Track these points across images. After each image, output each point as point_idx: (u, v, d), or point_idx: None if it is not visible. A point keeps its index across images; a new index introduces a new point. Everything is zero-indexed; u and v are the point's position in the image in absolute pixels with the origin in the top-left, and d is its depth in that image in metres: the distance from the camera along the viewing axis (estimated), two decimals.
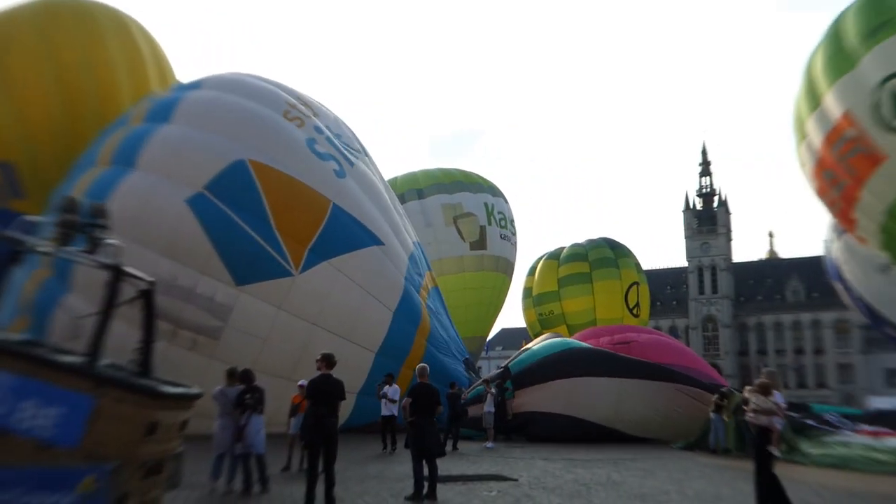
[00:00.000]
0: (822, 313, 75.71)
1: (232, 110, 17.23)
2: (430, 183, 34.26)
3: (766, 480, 8.05)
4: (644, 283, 43.32)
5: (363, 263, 17.39)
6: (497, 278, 33.87)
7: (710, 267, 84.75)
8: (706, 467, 13.18)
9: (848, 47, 16.84)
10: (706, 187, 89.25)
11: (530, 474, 11.55)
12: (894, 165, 16.48)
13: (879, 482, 11.55)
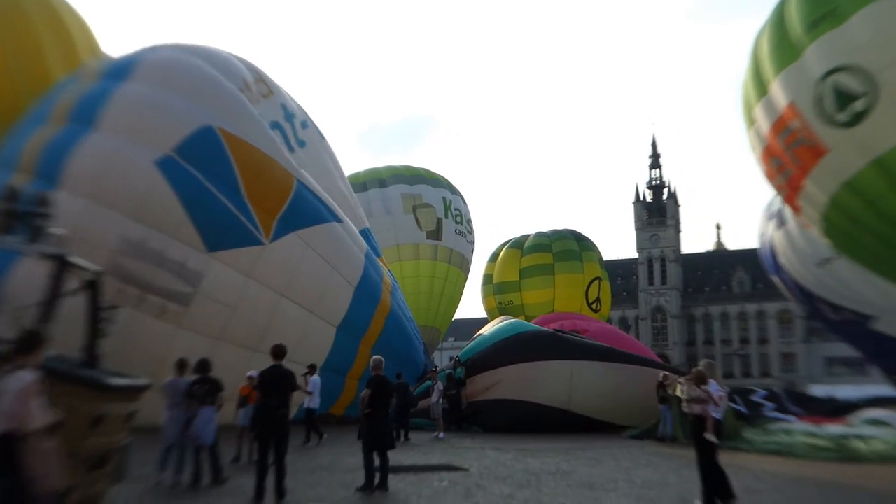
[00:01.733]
0: (766, 304, 77.57)
1: (196, 74, 16.72)
2: (391, 174, 34.92)
3: (709, 468, 8.23)
4: (606, 280, 43.53)
5: (328, 237, 17.35)
6: (451, 271, 34.05)
7: (660, 258, 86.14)
8: (654, 456, 13.40)
9: (791, 37, 17.05)
10: (656, 179, 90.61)
11: (481, 464, 11.62)
12: (836, 159, 16.89)
13: (819, 468, 11.91)
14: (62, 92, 16.41)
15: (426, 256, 32.84)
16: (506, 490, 9.14)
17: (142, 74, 16.13)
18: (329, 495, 8.58)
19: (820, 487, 10.14)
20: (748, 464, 11.98)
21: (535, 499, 8.58)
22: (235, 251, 15.52)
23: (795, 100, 17.25)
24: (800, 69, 17.00)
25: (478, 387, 18.62)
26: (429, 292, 31.98)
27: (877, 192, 16.51)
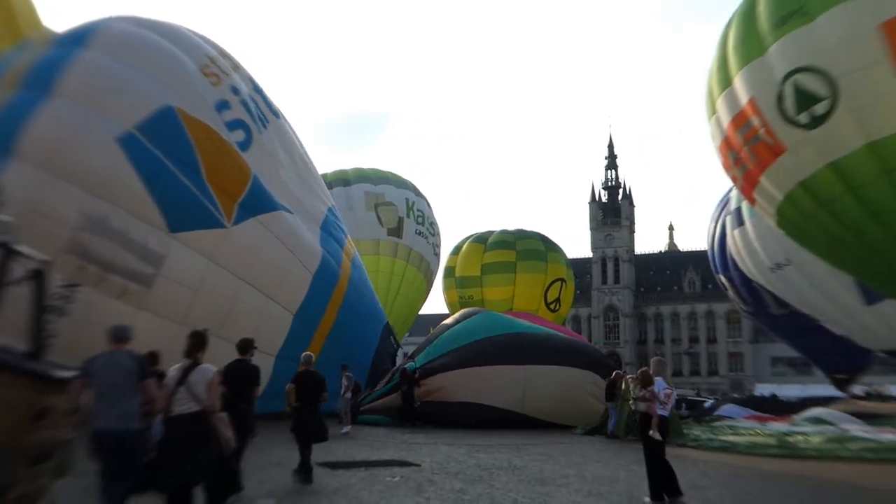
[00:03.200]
0: (715, 304, 79.18)
1: (157, 51, 16.15)
2: (357, 175, 35.02)
3: (657, 465, 8.39)
4: (571, 282, 43.75)
5: (285, 224, 17.16)
6: (409, 270, 33.84)
7: (614, 258, 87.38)
8: (604, 452, 13.59)
9: (759, 30, 17.00)
10: (612, 180, 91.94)
11: (433, 459, 11.66)
12: (793, 159, 17.12)
13: (763, 463, 12.19)
14: (11, 59, 15.60)
15: (386, 253, 32.76)
16: (457, 485, 9.19)
17: (101, 44, 15.43)
18: (279, 490, 8.52)
19: (763, 482, 10.39)
20: (695, 460, 12.23)
21: (486, 494, 8.64)
22: (198, 233, 15.17)
23: (756, 96, 17.33)
24: (763, 65, 16.99)
25: (431, 388, 18.57)
26: (386, 289, 31.83)
27: (831, 194, 16.80)
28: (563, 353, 19.49)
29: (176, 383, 5.56)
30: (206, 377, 5.64)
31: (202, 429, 5.46)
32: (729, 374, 79.74)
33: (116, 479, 5.77)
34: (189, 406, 5.50)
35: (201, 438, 5.45)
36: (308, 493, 8.50)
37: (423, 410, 18.23)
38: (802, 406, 23.51)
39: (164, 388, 5.62)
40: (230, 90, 17.40)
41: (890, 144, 15.60)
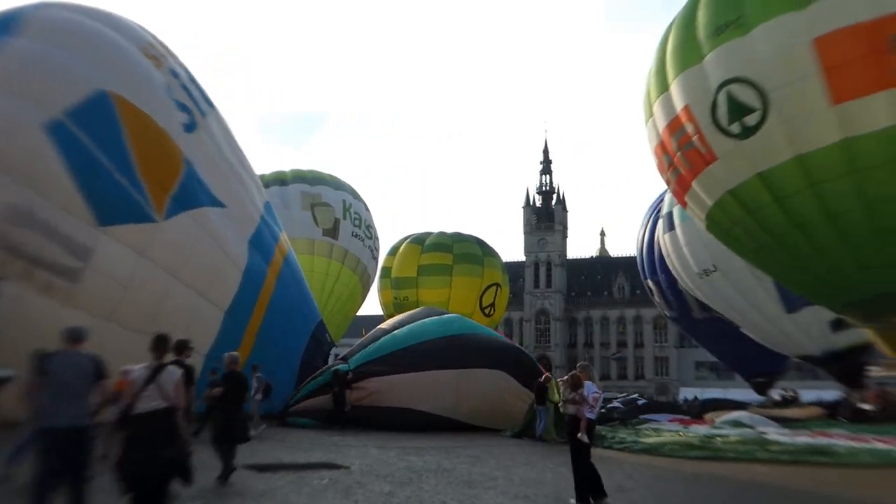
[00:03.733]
0: (643, 310, 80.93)
1: (92, 34, 15.56)
2: (294, 175, 34.55)
3: (583, 467, 8.53)
4: (505, 287, 43.98)
5: (217, 219, 16.80)
6: (343, 272, 33.40)
7: (546, 262, 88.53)
8: (532, 454, 13.74)
9: (697, 38, 17.24)
10: (546, 185, 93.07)
11: (363, 462, 11.60)
12: (723, 166, 17.55)
13: (686, 465, 12.52)
14: None
15: (321, 253, 32.31)
16: (386, 488, 9.17)
17: (30, 30, 14.79)
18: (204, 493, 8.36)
19: (686, 483, 10.68)
20: (621, 462, 12.48)
21: (415, 496, 8.65)
22: (127, 227, 14.64)
23: (691, 104, 17.68)
24: (699, 73, 17.26)
25: (363, 392, 18.41)
26: (321, 289, 31.36)
27: (759, 203, 17.31)
28: (496, 356, 19.56)
29: (145, 381, 5.84)
30: (175, 377, 6.02)
31: (170, 425, 5.84)
32: (655, 378, 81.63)
33: (74, 474, 6.09)
34: (158, 403, 5.81)
35: (170, 434, 5.83)
36: (234, 495, 8.37)
37: (354, 415, 18.03)
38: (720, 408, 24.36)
39: (131, 385, 5.88)
40: (171, 73, 17.01)
41: (817, 158, 16.15)
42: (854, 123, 15.64)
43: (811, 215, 16.80)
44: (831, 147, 15.94)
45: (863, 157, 15.82)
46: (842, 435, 17.15)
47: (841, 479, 11.26)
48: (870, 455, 13.52)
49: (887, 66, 15.25)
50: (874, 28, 15.21)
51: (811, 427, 19.71)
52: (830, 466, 12.45)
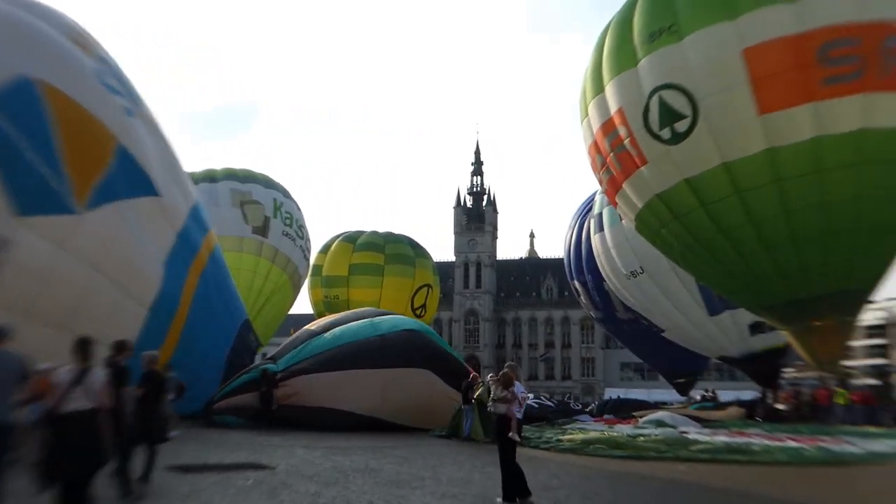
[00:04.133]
0: (571, 311, 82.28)
1: (13, 21, 14.82)
2: (225, 173, 33.67)
3: (509, 466, 8.60)
4: (436, 288, 44.02)
5: (143, 211, 16.22)
6: (273, 271, 32.70)
7: (476, 263, 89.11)
8: (460, 454, 13.78)
9: (633, 41, 17.55)
10: (477, 186, 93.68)
11: (289, 462, 11.45)
12: (653, 170, 17.94)
13: (610, 464, 12.74)
14: None
15: (250, 251, 31.57)
16: (312, 488, 9.06)
17: None
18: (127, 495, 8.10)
19: (609, 482, 10.87)
20: (546, 461, 12.63)
21: (342, 497, 8.57)
22: (48, 218, 13.96)
23: (625, 107, 18.00)
24: (633, 77, 17.58)
25: (290, 391, 18.15)
26: (248, 287, 30.71)
27: (686, 207, 17.77)
28: (422, 356, 19.47)
29: (71, 383, 6.00)
30: (101, 379, 6.27)
31: (96, 426, 6.02)
32: (581, 379, 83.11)
33: None
34: (84, 404, 5.98)
35: (96, 434, 6.01)
36: (156, 497, 8.14)
37: (281, 415, 17.78)
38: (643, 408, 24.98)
39: (57, 386, 6.03)
40: (100, 60, 16.45)
41: (743, 166, 16.68)
42: (779, 134, 16.19)
43: (735, 221, 17.35)
44: (756, 156, 16.48)
45: (785, 168, 16.40)
46: (758, 434, 17.77)
47: (756, 476, 11.64)
48: (783, 453, 14.03)
49: (813, 79, 15.83)
50: (802, 41, 15.77)
51: (729, 426, 20.35)
52: (747, 465, 12.87)
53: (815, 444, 15.45)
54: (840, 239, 16.85)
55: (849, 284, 17.71)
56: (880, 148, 16.11)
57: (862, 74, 15.76)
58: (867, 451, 14.74)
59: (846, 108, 15.88)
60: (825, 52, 15.72)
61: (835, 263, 17.17)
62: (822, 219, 16.69)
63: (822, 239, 16.90)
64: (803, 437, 17.22)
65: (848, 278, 17.51)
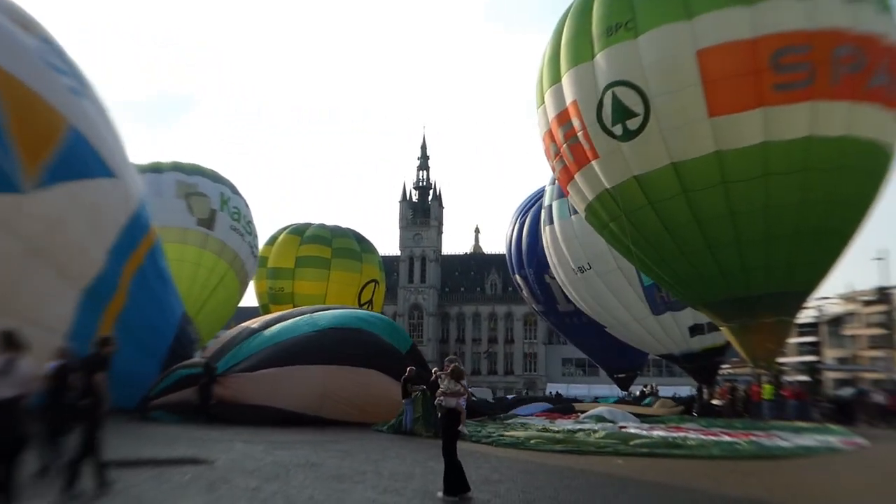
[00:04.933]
0: (514, 307, 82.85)
1: None
2: (171, 166, 32.78)
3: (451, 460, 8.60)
4: (382, 283, 43.87)
5: (98, 193, 15.89)
6: (219, 265, 31.79)
7: (421, 257, 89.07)
8: (402, 448, 13.76)
9: (590, 33, 17.63)
10: (423, 180, 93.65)
11: (228, 457, 11.28)
12: (604, 165, 18.12)
13: (551, 458, 12.88)
14: None
15: (194, 243, 30.72)
16: (252, 483, 8.94)
17: None
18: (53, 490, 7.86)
19: (549, 476, 10.97)
20: (488, 456, 12.70)
21: (282, 492, 8.47)
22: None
23: (579, 100, 18.09)
24: (589, 71, 17.69)
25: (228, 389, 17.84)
26: (191, 280, 29.91)
27: (635, 204, 18.00)
28: (365, 353, 19.25)
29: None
30: (29, 368, 6.78)
31: (18, 413, 6.55)
32: (524, 374, 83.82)
33: None
34: (10, 391, 6.46)
35: (15, 421, 6.57)
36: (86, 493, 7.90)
37: (218, 411, 17.47)
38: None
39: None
40: (43, 40, 15.94)
41: (691, 167, 16.97)
42: (728, 137, 16.50)
43: (681, 220, 17.67)
44: (705, 158, 16.78)
45: (733, 171, 16.73)
46: (694, 429, 18.20)
47: (692, 470, 11.91)
48: (718, 448, 14.40)
49: (764, 85, 16.17)
50: (755, 46, 16.07)
51: (667, 422, 20.80)
52: (683, 459, 13.17)
53: (748, 439, 15.92)
54: (782, 242, 17.29)
55: (789, 286, 18.21)
56: (825, 156, 16.53)
57: (811, 82, 16.13)
58: (796, 446, 15.26)
59: (795, 115, 16.24)
60: (777, 58, 16.05)
61: (776, 266, 17.63)
62: (766, 222, 17.09)
63: (764, 241, 17.32)
64: (737, 431, 17.71)
65: (788, 280, 18.00)
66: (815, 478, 11.82)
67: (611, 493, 9.76)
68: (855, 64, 16.38)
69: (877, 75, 16.75)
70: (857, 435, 18.10)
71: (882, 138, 17.37)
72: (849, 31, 16.28)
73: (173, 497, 7.96)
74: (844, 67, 16.29)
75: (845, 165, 16.80)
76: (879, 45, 16.78)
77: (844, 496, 10.26)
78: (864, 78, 16.59)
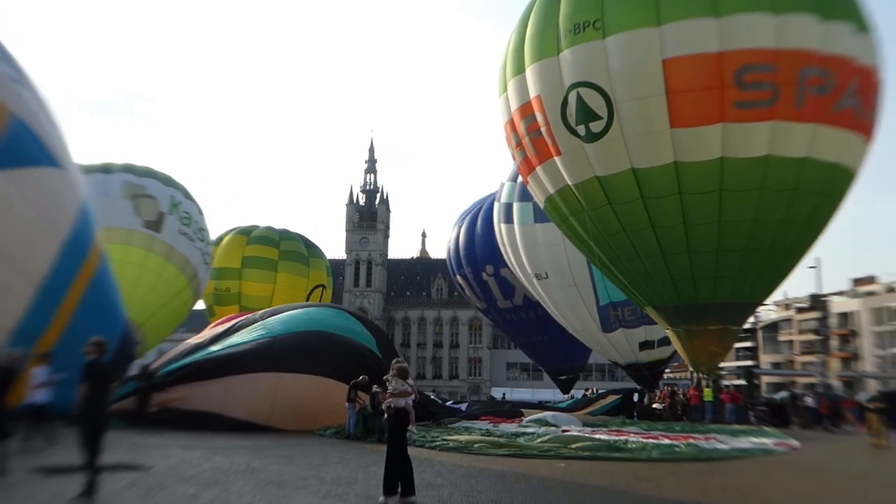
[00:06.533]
0: (460, 311, 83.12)
1: None
2: (122, 167, 31.57)
3: (399, 461, 8.55)
4: (330, 288, 43.49)
5: (41, 182, 15.26)
6: (167, 269, 30.64)
7: (367, 261, 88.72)
8: (345, 453, 13.63)
9: (558, 26, 17.49)
10: (370, 184, 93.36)
11: (166, 463, 11.04)
12: (567, 162, 18.12)
13: (494, 462, 12.91)
14: None
15: (139, 245, 29.53)
16: (190, 490, 8.75)
17: None
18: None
19: (492, 480, 11.00)
20: (432, 461, 12.68)
21: (220, 498, 8.31)
22: None
23: (543, 95, 17.93)
24: (554, 67, 17.57)
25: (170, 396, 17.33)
26: (134, 282, 28.82)
27: (595, 203, 18.10)
28: (319, 359, 18.55)
29: None
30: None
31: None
32: (469, 379, 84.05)
33: None
34: None
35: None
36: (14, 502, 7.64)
37: (159, 417, 16.97)
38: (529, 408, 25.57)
39: None
40: None
41: (650, 175, 17.12)
42: (687, 150, 16.60)
43: (639, 224, 17.86)
44: (664, 168, 16.91)
45: (690, 183, 16.90)
46: (635, 432, 18.47)
47: (633, 473, 12.07)
48: (658, 450, 14.65)
49: (727, 101, 16.22)
50: (721, 60, 16.06)
51: (608, 425, 21.07)
52: (624, 462, 13.36)
53: (687, 442, 16.23)
54: (733, 256, 17.54)
55: (736, 297, 18.53)
56: (783, 177, 16.68)
57: (774, 102, 16.14)
58: (733, 448, 15.62)
59: (754, 133, 16.29)
60: (741, 75, 16.04)
61: (725, 277, 17.90)
62: (719, 235, 17.31)
63: (715, 253, 17.56)
64: (676, 434, 18.04)
65: (736, 292, 18.30)
66: (750, 479, 12.12)
67: (553, 496, 9.82)
68: (823, 86, 16.34)
69: (845, 98, 16.77)
70: (790, 437, 18.62)
71: (845, 162, 17.46)
72: (818, 52, 16.19)
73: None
74: (811, 89, 16.23)
75: (803, 187, 16.87)
76: (851, 67, 16.78)
77: (777, 496, 10.56)
78: (832, 101, 16.58)
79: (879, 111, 18.24)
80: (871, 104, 17.82)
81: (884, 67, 18.07)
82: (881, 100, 18.17)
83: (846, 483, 12.22)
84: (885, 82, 18.20)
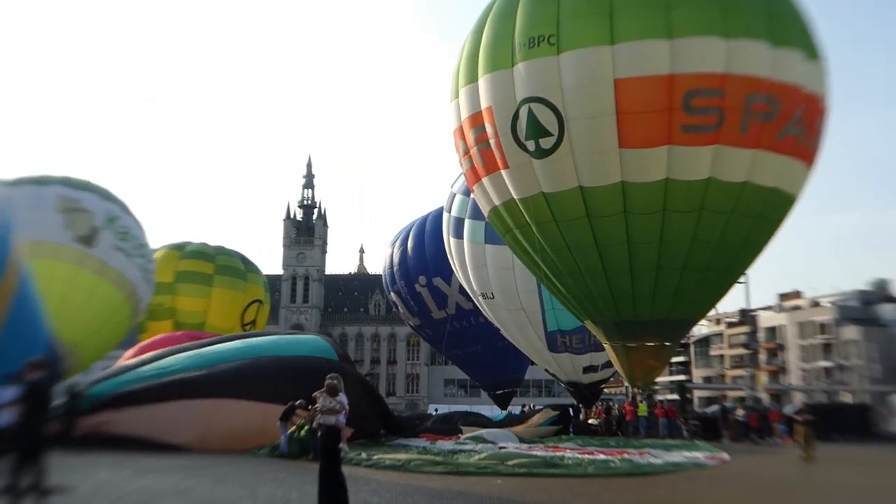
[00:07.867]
0: (398, 327, 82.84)
1: None
2: (59, 180, 30.11)
3: (333, 479, 8.42)
4: (267, 303, 42.85)
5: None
6: (101, 286, 29.30)
7: (304, 277, 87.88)
8: (279, 472, 13.39)
9: (513, 38, 17.42)
10: (308, 199, 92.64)
11: (91, 484, 10.67)
12: (514, 176, 18.07)
13: (430, 480, 12.83)
14: None
15: (67, 259, 28.38)
16: None
17: None
18: None
19: (429, 499, 10.93)
20: (368, 479, 12.52)
21: None
22: None
23: (494, 107, 17.85)
24: (507, 79, 17.53)
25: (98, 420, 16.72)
26: (62, 298, 27.59)
27: (540, 218, 18.14)
28: (257, 384, 17.91)
29: None
30: None
31: None
32: (406, 395, 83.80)
33: None
34: None
35: None
36: None
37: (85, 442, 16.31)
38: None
39: None
40: None
41: (597, 194, 17.23)
42: (634, 171, 16.79)
43: (582, 242, 18.01)
44: (611, 187, 17.07)
45: (634, 203, 17.10)
46: (571, 448, 18.64)
47: (569, 489, 12.15)
48: (593, 466, 14.80)
49: (675, 124, 16.45)
50: (670, 83, 16.27)
51: (545, 441, 21.22)
52: (561, 478, 13.43)
53: (622, 457, 16.44)
54: (672, 274, 17.86)
55: (673, 314, 18.84)
56: (722, 199, 17.06)
57: (719, 127, 16.40)
58: (666, 462, 15.89)
59: (698, 157, 16.58)
60: (689, 99, 16.27)
61: (663, 294, 18.21)
62: (659, 254, 17.61)
63: (656, 272, 17.85)
64: (611, 450, 18.27)
65: (674, 309, 18.62)
66: (683, 492, 12.34)
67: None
68: (768, 113, 16.63)
69: (790, 125, 17.10)
70: (721, 450, 19.06)
71: (784, 187, 17.88)
72: (767, 78, 16.47)
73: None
74: (756, 115, 16.52)
75: (740, 210, 17.25)
76: (798, 94, 17.10)
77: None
78: (776, 127, 16.90)
79: (822, 139, 18.65)
80: (815, 132, 18.21)
81: (829, 95, 18.44)
82: (824, 127, 18.57)
83: (776, 495, 12.54)
84: (829, 109, 18.53)
